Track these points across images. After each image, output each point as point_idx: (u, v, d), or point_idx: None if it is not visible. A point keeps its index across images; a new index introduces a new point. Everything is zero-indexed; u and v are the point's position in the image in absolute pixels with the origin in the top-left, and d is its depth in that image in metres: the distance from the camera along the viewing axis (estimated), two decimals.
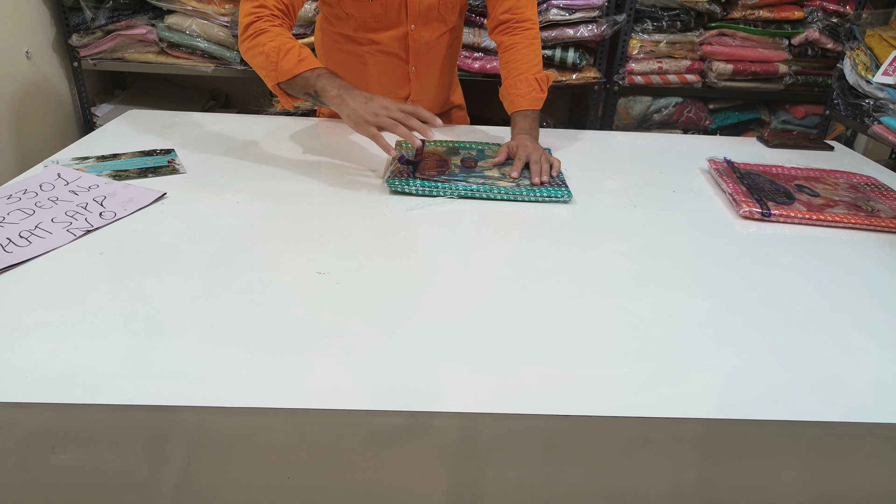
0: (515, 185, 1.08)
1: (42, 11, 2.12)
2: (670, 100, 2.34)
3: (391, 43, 1.31)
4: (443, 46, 1.37)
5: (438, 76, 1.40)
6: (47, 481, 0.61)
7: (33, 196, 0.97)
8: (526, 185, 1.08)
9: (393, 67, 1.35)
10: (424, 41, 1.32)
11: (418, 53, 1.33)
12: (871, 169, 1.31)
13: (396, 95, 1.38)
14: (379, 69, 1.35)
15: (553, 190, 1.06)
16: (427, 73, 1.38)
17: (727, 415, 0.60)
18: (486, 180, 1.09)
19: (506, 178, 1.10)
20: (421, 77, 1.37)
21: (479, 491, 0.63)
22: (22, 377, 0.60)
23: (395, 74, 1.36)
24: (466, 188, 1.06)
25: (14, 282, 0.76)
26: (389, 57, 1.33)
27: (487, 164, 1.17)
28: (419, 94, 1.40)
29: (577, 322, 0.73)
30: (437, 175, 1.11)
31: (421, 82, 1.38)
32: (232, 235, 0.90)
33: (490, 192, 1.05)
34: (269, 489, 0.62)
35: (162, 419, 0.58)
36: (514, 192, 1.05)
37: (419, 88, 1.39)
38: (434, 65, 1.38)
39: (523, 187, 1.07)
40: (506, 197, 1.05)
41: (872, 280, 0.86)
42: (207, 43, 2.18)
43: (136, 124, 1.37)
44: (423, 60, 1.35)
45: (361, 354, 0.66)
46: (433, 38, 1.33)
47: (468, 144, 1.27)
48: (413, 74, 1.36)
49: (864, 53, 1.79)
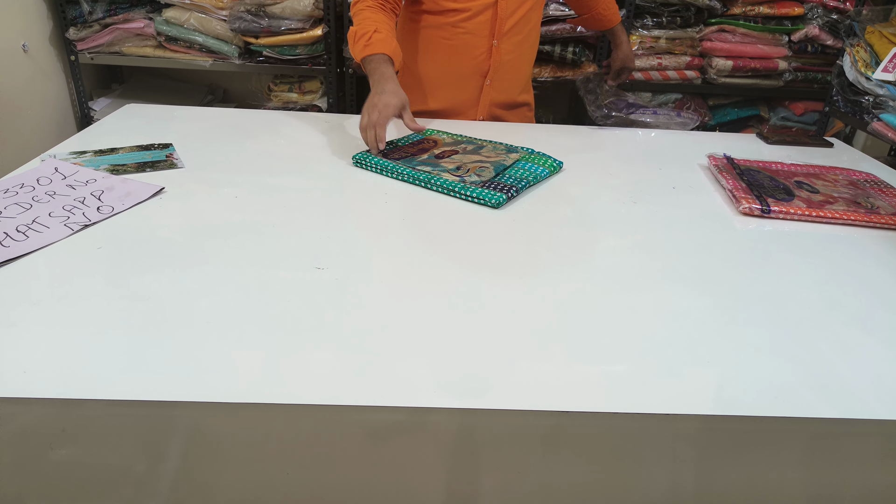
0: (459, 179, 1.06)
1: (39, 5, 2.11)
2: (670, 96, 2.34)
3: (478, 12, 1.33)
4: (526, 27, 1.39)
5: (517, 62, 1.42)
6: (45, 477, 0.61)
7: (30, 190, 0.97)
8: (472, 182, 1.05)
9: (474, 41, 1.36)
10: (510, 12, 1.34)
11: (502, 26, 1.35)
12: (871, 166, 1.31)
13: (476, 72, 1.40)
14: (457, 43, 1.37)
15: (488, 193, 1.01)
16: (509, 51, 1.39)
17: (725, 411, 0.60)
18: (433, 169, 1.10)
19: (455, 173, 1.09)
20: (503, 55, 1.38)
21: (478, 486, 0.63)
22: (19, 372, 0.60)
23: (475, 49, 1.37)
24: (411, 174, 1.08)
25: (11, 276, 0.76)
26: (473, 29, 1.35)
27: (466, 158, 1.17)
28: (499, 73, 1.40)
29: (575, 318, 0.73)
30: (402, 157, 1.15)
31: (502, 60, 1.39)
32: (230, 230, 0.90)
33: (429, 180, 1.06)
34: (267, 484, 0.62)
35: (160, 415, 0.58)
36: (450, 185, 1.04)
37: (498, 65, 1.39)
38: (516, 44, 1.39)
39: (468, 185, 1.04)
40: (440, 190, 1.05)
41: (871, 277, 0.86)
42: (205, 37, 2.17)
43: (133, 118, 1.36)
44: (506, 37, 1.37)
45: (360, 350, 0.65)
46: (518, 14, 1.35)
47: (476, 140, 1.27)
48: (495, 49, 1.37)
49: (864, 50, 1.79)
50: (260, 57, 2.22)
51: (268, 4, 2.11)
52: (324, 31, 2.14)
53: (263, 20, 2.12)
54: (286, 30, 2.13)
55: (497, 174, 1.09)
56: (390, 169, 1.11)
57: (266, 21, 2.12)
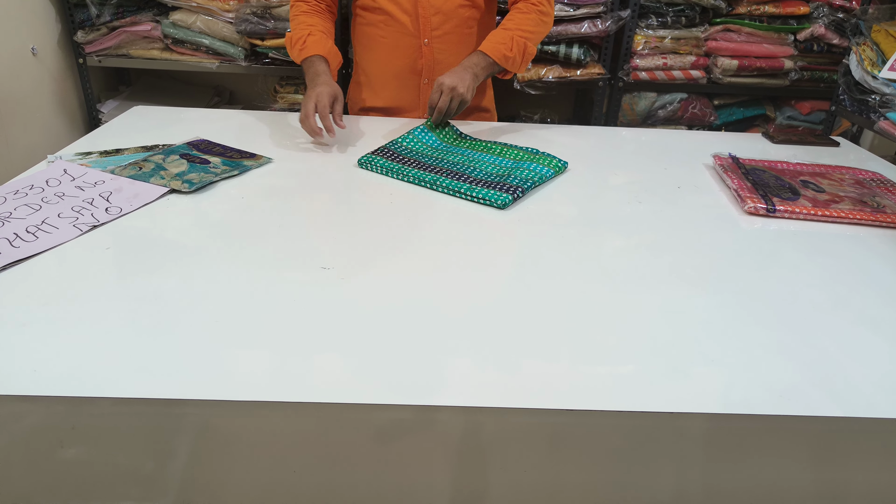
0: (465, 180, 1.06)
1: (47, 8, 2.13)
2: (675, 96, 2.33)
3: (402, 9, 1.31)
4: (460, 23, 1.35)
5: (454, 63, 1.35)
6: (55, 474, 0.62)
7: (40, 192, 0.98)
8: (477, 182, 1.06)
9: (405, 40, 1.35)
10: (434, 10, 1.31)
11: (429, 23, 1.32)
12: (877, 165, 1.30)
13: (411, 70, 1.38)
14: (391, 42, 1.36)
15: (494, 193, 1.02)
16: (443, 50, 1.36)
17: (732, 410, 0.60)
18: (440, 167, 1.11)
19: (453, 176, 1.09)
20: (435, 54, 1.36)
21: (484, 485, 0.63)
22: (30, 371, 0.60)
23: (407, 48, 1.35)
24: (416, 174, 1.09)
25: (21, 277, 0.77)
26: (400, 28, 1.33)
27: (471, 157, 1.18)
28: (434, 72, 1.38)
29: (581, 318, 0.73)
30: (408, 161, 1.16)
31: (435, 59, 1.37)
32: (237, 231, 0.90)
33: (434, 182, 1.07)
34: (274, 483, 0.62)
35: (168, 413, 0.59)
36: (456, 186, 1.04)
37: (432, 65, 1.37)
38: (451, 43, 1.36)
39: (474, 185, 1.04)
40: (446, 191, 1.05)
41: (878, 276, 0.86)
42: (212, 39, 2.18)
43: (141, 120, 1.37)
44: (437, 35, 1.34)
45: (366, 349, 0.66)
46: (444, 10, 1.32)
47: (481, 142, 1.27)
48: (426, 48, 1.35)
49: (870, 49, 1.78)
50: (266, 59, 2.23)
51: (273, 7, 2.12)
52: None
53: (269, 22, 2.13)
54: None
55: (503, 174, 1.10)
56: (396, 171, 1.12)
57: (272, 23, 2.13)
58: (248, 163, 1.14)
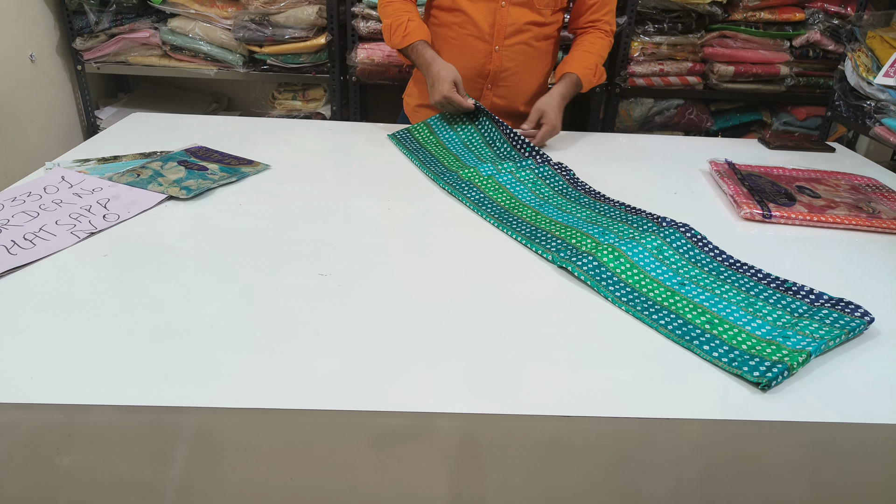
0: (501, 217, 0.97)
1: (46, 15, 2.13)
2: (672, 102, 2.34)
3: (481, 14, 1.35)
4: (530, 39, 1.38)
5: (522, 72, 1.41)
6: (52, 482, 0.62)
7: (37, 199, 0.98)
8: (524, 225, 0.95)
9: (476, 44, 1.38)
10: (511, 20, 1.35)
11: (503, 31, 1.36)
12: (873, 170, 1.31)
13: (478, 74, 1.41)
14: (461, 44, 1.39)
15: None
16: (511, 58, 1.39)
17: (729, 416, 0.60)
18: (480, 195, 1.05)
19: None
20: (504, 62, 1.39)
21: (482, 491, 0.63)
22: (27, 378, 0.60)
23: (477, 52, 1.38)
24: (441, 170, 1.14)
25: (19, 283, 0.76)
26: (475, 31, 1.36)
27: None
28: (499, 79, 1.40)
29: (579, 323, 0.73)
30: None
31: (503, 66, 1.39)
32: (235, 237, 0.90)
33: (480, 205, 1.02)
34: (272, 490, 0.62)
35: (166, 420, 0.59)
36: (503, 217, 0.97)
37: (498, 71, 1.39)
38: (520, 53, 1.39)
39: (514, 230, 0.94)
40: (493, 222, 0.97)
41: (873, 281, 0.86)
42: (210, 46, 2.19)
43: (139, 127, 1.38)
44: (508, 44, 1.37)
45: (364, 355, 0.66)
46: (520, 23, 1.36)
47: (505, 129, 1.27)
48: (496, 55, 1.38)
49: (865, 55, 1.79)
50: (264, 65, 2.23)
51: (272, 14, 2.13)
52: (327, 39, 2.15)
53: (267, 29, 2.14)
54: (290, 38, 2.15)
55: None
56: (434, 168, 1.16)
57: (270, 30, 2.14)
58: (246, 169, 1.14)
